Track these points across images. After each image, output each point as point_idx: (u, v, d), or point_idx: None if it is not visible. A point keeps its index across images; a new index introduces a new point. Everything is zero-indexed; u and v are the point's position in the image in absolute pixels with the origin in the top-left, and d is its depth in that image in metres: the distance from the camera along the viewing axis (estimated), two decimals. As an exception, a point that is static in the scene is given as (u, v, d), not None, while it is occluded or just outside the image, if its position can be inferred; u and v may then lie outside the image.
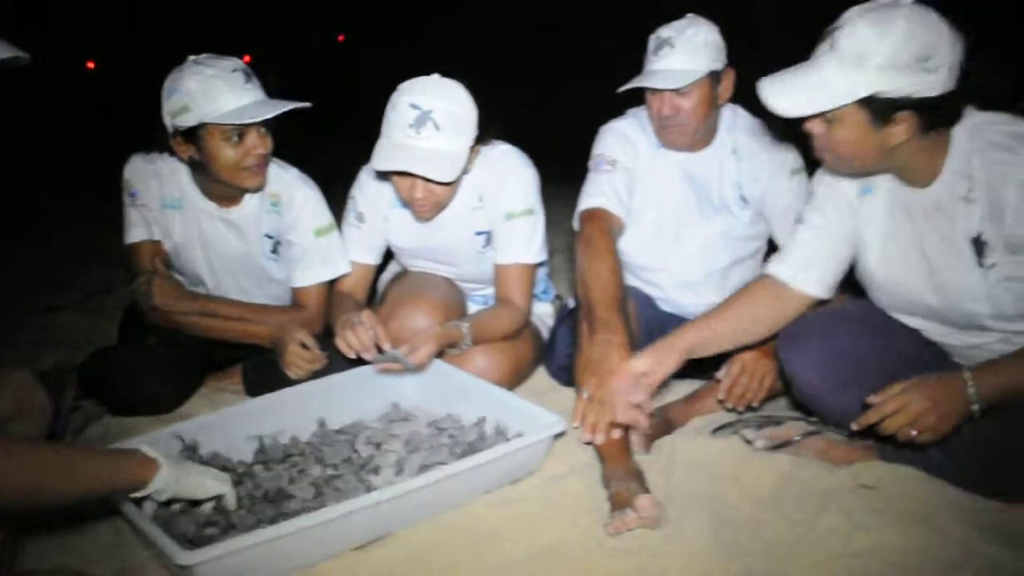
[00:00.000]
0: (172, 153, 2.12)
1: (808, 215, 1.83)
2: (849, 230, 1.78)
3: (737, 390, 2.02)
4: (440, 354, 2.12)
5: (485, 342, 2.20)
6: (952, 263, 1.61)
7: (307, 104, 2.05)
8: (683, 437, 2.02)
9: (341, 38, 12.12)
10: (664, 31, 2.13)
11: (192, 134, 2.02)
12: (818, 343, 1.74)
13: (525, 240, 2.24)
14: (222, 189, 2.16)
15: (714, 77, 2.12)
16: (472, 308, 2.47)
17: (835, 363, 1.74)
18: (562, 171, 2.90)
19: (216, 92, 1.98)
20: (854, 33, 1.48)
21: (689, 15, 2.16)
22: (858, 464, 1.77)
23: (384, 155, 2.00)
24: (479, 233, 2.28)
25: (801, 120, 1.59)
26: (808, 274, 1.79)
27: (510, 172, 2.23)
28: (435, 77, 2.06)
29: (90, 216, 5.17)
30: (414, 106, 1.98)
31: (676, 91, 2.09)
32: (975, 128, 1.55)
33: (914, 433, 1.49)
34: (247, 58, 2.54)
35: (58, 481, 1.27)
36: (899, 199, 1.69)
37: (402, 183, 2.07)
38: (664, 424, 2.10)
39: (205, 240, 2.24)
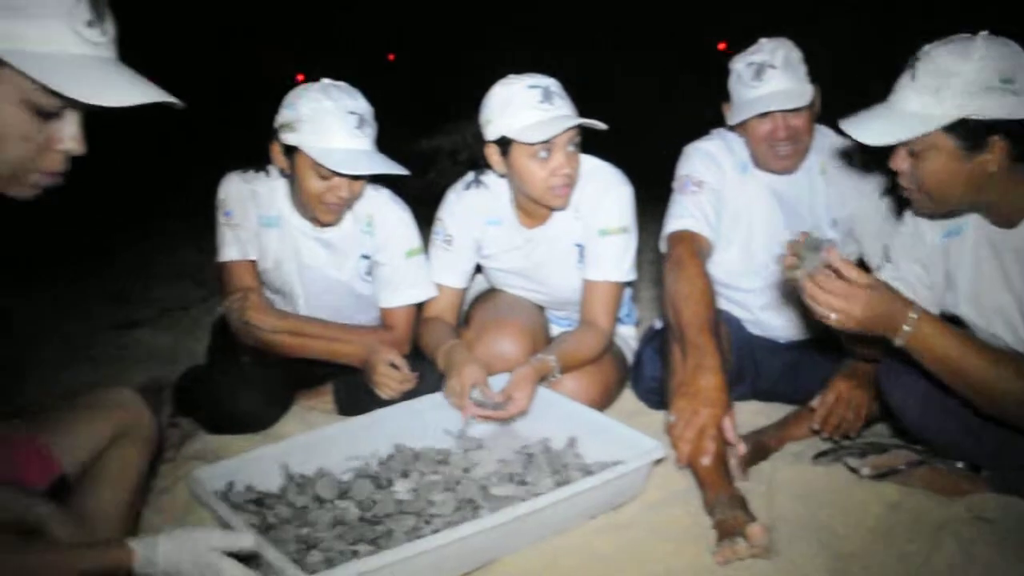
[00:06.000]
0: (268, 173, 2.19)
1: (883, 271, 1.85)
2: (926, 279, 1.80)
3: (833, 420, 1.99)
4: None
5: (572, 369, 2.17)
6: None
7: (405, 172, 2.06)
8: (781, 463, 1.98)
9: (391, 57, 12.23)
10: (756, 56, 2.10)
11: (290, 151, 2.06)
12: (917, 374, 1.66)
13: (617, 258, 2.22)
14: None
15: None
16: (556, 331, 2.46)
17: (934, 393, 1.68)
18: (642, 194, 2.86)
19: (323, 127, 1.99)
20: (935, 61, 1.51)
21: (765, 39, 2.14)
22: (971, 496, 1.71)
23: (544, 123, 2.01)
24: (576, 245, 2.27)
25: (887, 155, 1.61)
26: None
27: (608, 188, 2.21)
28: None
29: (158, 232, 5.25)
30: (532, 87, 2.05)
31: (792, 111, 2.07)
32: None
33: (830, 316, 1.48)
34: (300, 76, 2.55)
35: None
36: (987, 239, 1.68)
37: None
38: (758, 449, 2.06)
39: (300, 259, 2.25)
